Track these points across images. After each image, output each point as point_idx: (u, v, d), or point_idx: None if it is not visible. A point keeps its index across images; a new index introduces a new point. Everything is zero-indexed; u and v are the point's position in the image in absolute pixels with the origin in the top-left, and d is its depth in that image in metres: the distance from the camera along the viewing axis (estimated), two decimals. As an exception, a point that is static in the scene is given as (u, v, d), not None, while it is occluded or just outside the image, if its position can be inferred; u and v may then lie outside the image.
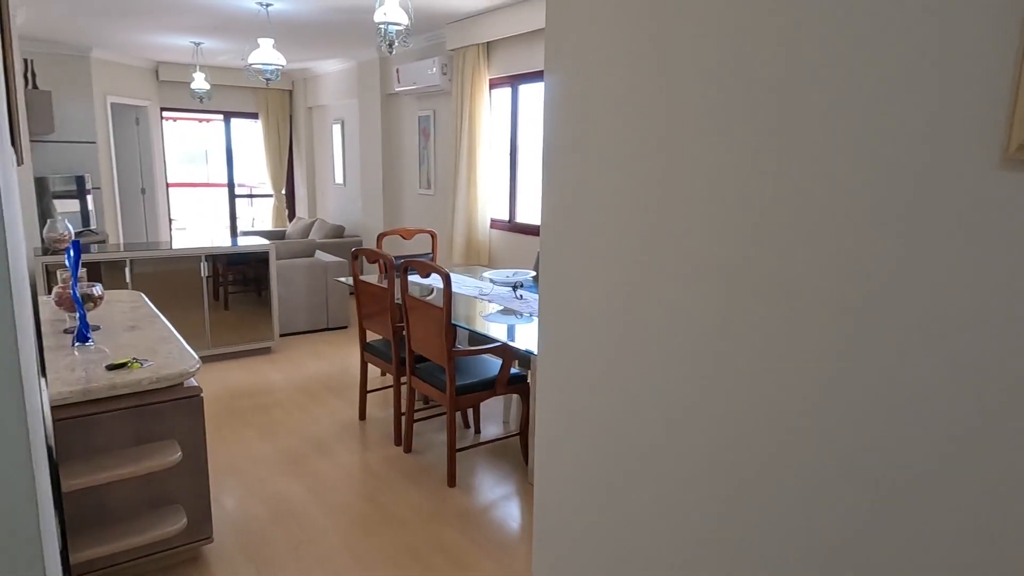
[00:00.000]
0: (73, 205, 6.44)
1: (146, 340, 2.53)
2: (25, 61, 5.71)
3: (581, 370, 1.39)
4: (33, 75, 5.78)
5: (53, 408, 2.05)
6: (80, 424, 2.11)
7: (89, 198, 6.51)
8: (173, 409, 2.27)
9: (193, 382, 2.32)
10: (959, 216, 0.72)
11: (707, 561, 1.07)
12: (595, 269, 1.32)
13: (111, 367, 2.19)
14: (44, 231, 3.59)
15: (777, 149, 0.91)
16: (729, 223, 1.00)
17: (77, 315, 2.46)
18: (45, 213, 6.03)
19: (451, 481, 3.02)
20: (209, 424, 3.69)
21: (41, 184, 5.97)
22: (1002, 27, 0.67)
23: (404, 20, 3.27)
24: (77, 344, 2.43)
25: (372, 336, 4.26)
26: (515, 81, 4.92)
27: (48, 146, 6.29)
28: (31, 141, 5.78)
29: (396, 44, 3.29)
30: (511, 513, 2.81)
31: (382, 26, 3.24)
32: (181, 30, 5.58)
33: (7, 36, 2.14)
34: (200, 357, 4.85)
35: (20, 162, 2.23)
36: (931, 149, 0.73)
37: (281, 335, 5.48)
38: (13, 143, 2.17)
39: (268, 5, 4.57)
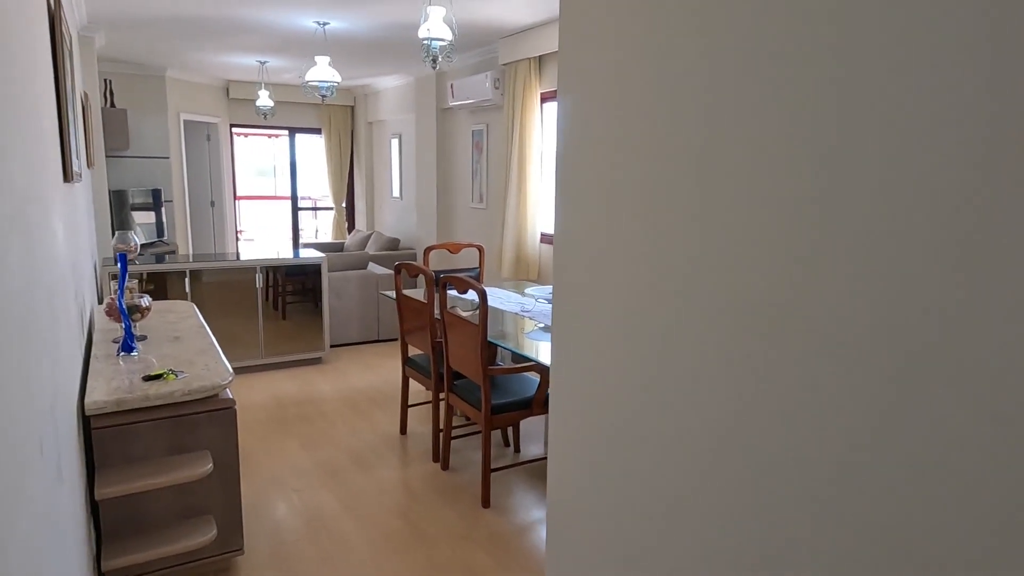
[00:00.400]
0: (149, 217, 6.78)
1: (187, 351, 2.59)
2: (104, 81, 6.05)
3: (593, 391, 1.31)
4: (111, 94, 6.13)
5: (93, 416, 2.11)
6: (118, 433, 2.17)
7: (163, 210, 6.83)
8: (206, 420, 2.30)
9: (228, 394, 2.36)
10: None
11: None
12: (607, 288, 1.24)
13: (147, 378, 2.24)
14: (113, 242, 3.77)
15: (827, 171, 0.82)
16: (764, 253, 0.91)
17: (123, 325, 2.54)
18: (124, 224, 6.36)
19: (485, 502, 2.96)
20: (254, 433, 3.76)
21: (120, 197, 6.31)
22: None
23: (448, 36, 3.27)
24: (122, 354, 2.51)
25: (414, 351, 4.27)
26: (566, 94, 4.86)
27: (125, 161, 6.64)
28: (107, 156, 6.12)
29: (440, 60, 3.29)
30: (544, 538, 2.72)
31: (426, 42, 3.25)
32: (248, 49, 5.80)
33: (61, 69, 2.25)
34: (253, 366, 5.00)
35: (69, 178, 2.32)
36: (1013, 178, 0.63)
37: (332, 346, 5.57)
38: (64, 163, 2.27)
39: (325, 24, 4.69)
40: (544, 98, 5.04)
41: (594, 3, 1.23)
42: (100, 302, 4.11)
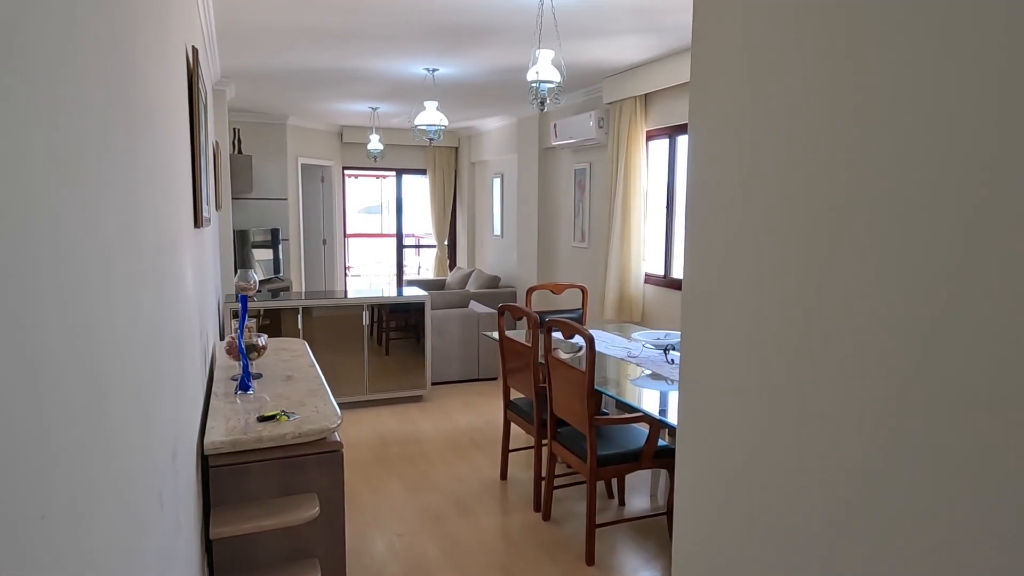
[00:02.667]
0: (267, 254, 7.19)
1: (298, 392, 2.64)
2: (233, 130, 6.53)
3: (729, 452, 1.17)
4: (239, 141, 6.60)
5: (212, 455, 2.17)
6: (233, 472, 2.22)
7: (280, 248, 7.23)
8: (315, 463, 2.31)
9: (335, 437, 2.36)
10: None
11: None
12: (746, 340, 1.11)
13: (261, 419, 2.28)
14: (236, 280, 3.98)
15: (995, 214, 0.68)
16: (922, 310, 0.77)
17: (241, 364, 2.62)
18: (245, 261, 6.78)
19: (589, 559, 2.81)
20: (358, 471, 3.80)
21: (242, 236, 6.74)
22: None
23: (556, 78, 3.25)
24: (239, 392, 2.59)
25: (516, 394, 4.20)
26: (673, 133, 4.73)
27: (248, 202, 7.10)
28: (233, 198, 6.56)
29: (548, 102, 3.27)
30: (654, 605, 2.53)
31: (534, 84, 3.25)
32: (361, 96, 6.09)
33: (196, 122, 2.39)
34: (358, 402, 5.10)
35: (199, 224, 2.45)
36: None
37: (433, 383, 5.60)
38: (195, 210, 2.39)
39: (434, 70, 4.83)
40: (650, 136, 4.93)
41: (729, 30, 1.14)
42: (222, 338, 4.34)
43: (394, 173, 9.18)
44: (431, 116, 4.88)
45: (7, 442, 0.44)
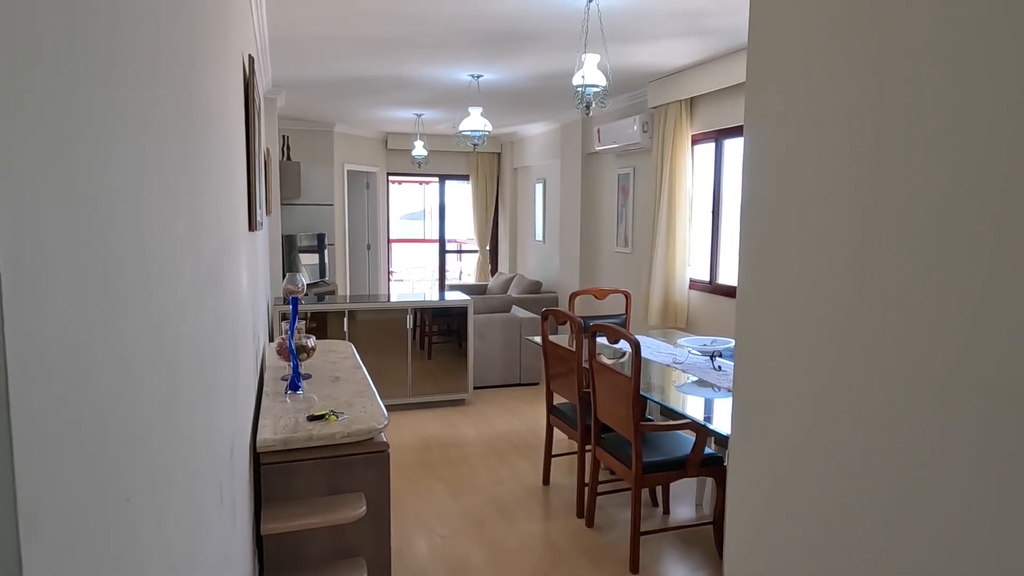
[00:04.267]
0: (313, 259, 7.35)
1: (345, 393, 2.69)
2: (283, 137, 6.70)
3: (785, 462, 1.15)
4: (288, 148, 6.76)
5: (263, 453, 2.23)
6: (283, 470, 2.27)
7: (326, 252, 7.38)
8: (362, 462, 2.35)
9: (382, 437, 2.40)
10: None
11: None
12: (797, 343, 1.09)
13: (311, 418, 2.33)
14: (284, 283, 4.09)
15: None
16: (993, 313, 0.75)
17: (291, 364, 2.68)
18: (292, 265, 6.94)
19: (634, 567, 2.77)
20: (402, 473, 3.84)
21: (290, 241, 6.90)
22: None
23: (602, 82, 3.24)
24: (289, 392, 2.65)
25: (559, 399, 4.19)
26: (719, 136, 4.67)
27: (296, 208, 7.27)
28: (282, 204, 6.72)
29: (593, 106, 3.27)
30: (700, 616, 2.49)
31: (580, 89, 3.25)
32: (406, 104, 6.18)
33: (252, 129, 2.47)
34: (401, 404, 5.16)
35: (253, 227, 2.52)
36: None
37: (475, 387, 5.63)
38: (249, 214, 2.47)
39: (479, 76, 4.88)
40: (695, 140, 4.87)
41: (788, 30, 1.12)
42: (271, 340, 4.45)
43: (437, 179, 9.27)
44: (475, 122, 4.92)
45: (101, 430, 0.46)
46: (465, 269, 10.32)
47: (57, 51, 0.40)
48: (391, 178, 8.92)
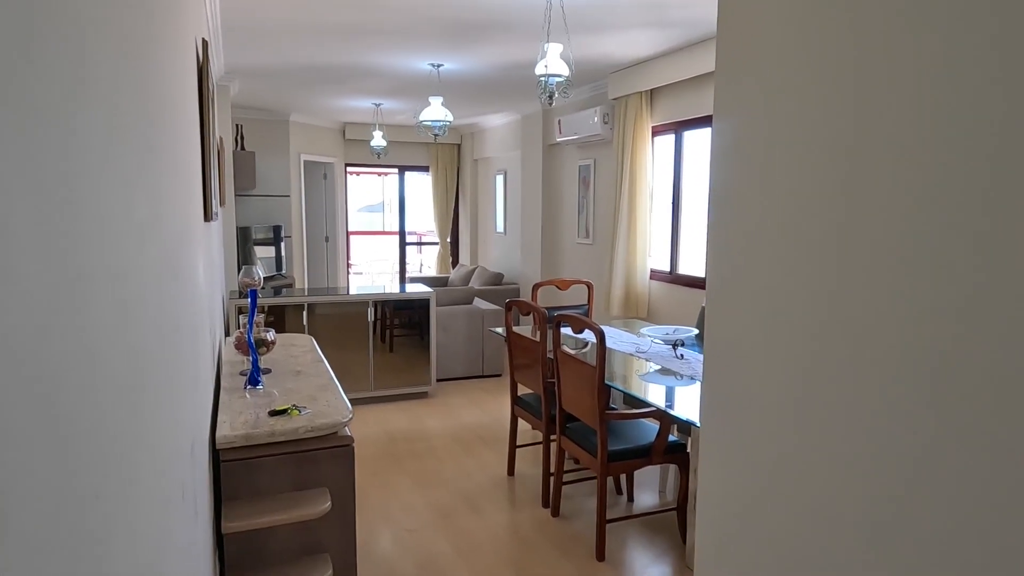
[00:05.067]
0: (270, 251, 7.18)
1: (308, 387, 2.63)
2: (236, 126, 6.51)
3: (754, 450, 1.17)
4: (242, 138, 6.58)
5: (223, 450, 2.17)
6: (245, 467, 2.21)
7: (282, 245, 7.22)
8: (326, 457, 2.31)
9: (346, 431, 2.36)
10: None
11: None
12: (771, 332, 1.10)
13: (273, 413, 2.28)
14: (240, 276, 3.98)
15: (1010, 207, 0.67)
16: (940, 291, 0.77)
17: (250, 359, 2.62)
18: (248, 259, 6.76)
19: (600, 555, 2.80)
20: (367, 467, 3.79)
21: (244, 233, 6.72)
22: None
23: (565, 72, 3.24)
24: (249, 387, 2.58)
25: (523, 390, 4.20)
26: (679, 128, 4.72)
27: (251, 199, 7.09)
28: (236, 195, 6.54)
29: (556, 96, 3.27)
30: (665, 600, 2.53)
31: (543, 79, 3.24)
32: (365, 93, 6.07)
33: (206, 116, 2.38)
34: (363, 398, 5.10)
35: (208, 217, 2.44)
36: None
37: (438, 380, 5.60)
38: (205, 203, 2.39)
39: (439, 66, 4.82)
40: (656, 131, 4.92)
41: (759, 11, 1.13)
42: (227, 335, 4.33)
43: (396, 170, 9.16)
44: (436, 112, 4.87)
45: (70, 422, 0.43)
46: (426, 261, 10.24)
47: (13, 30, 0.37)
48: (349, 169, 8.78)
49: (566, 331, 3.90)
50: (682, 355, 3.35)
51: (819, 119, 1.00)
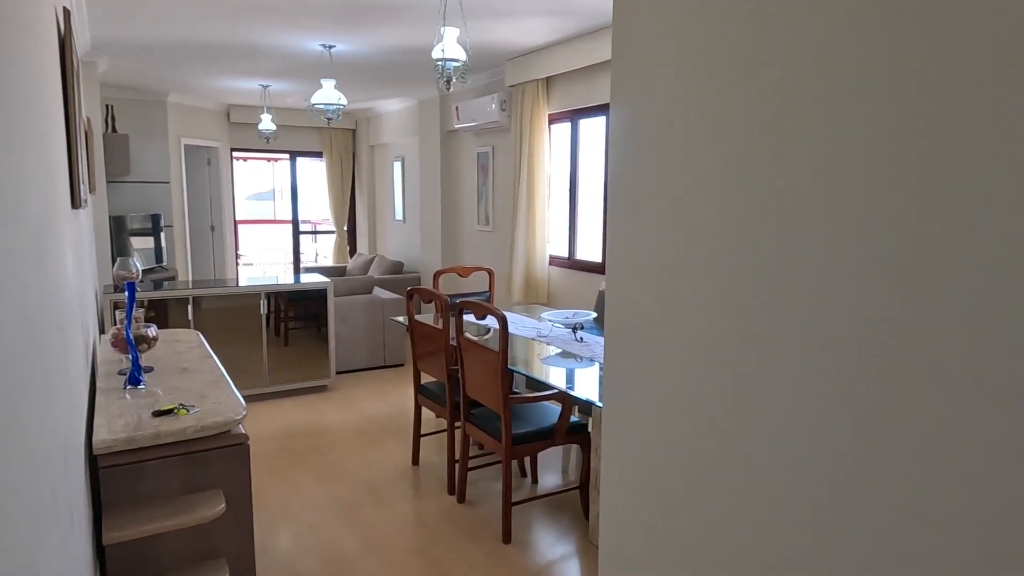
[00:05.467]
0: (147, 242, 6.68)
1: (197, 383, 2.48)
2: (106, 107, 5.99)
3: (653, 427, 1.21)
4: (113, 119, 6.07)
5: (101, 455, 2.00)
6: (128, 472, 2.05)
7: (162, 235, 6.74)
8: (219, 457, 2.18)
9: (240, 429, 2.24)
10: None
11: None
12: (668, 313, 1.14)
13: (157, 413, 2.13)
14: (114, 268, 3.66)
15: (886, 187, 0.73)
16: (860, 282, 0.82)
17: (130, 357, 2.43)
18: (123, 250, 6.26)
19: (506, 538, 2.84)
20: (265, 465, 3.63)
21: (119, 223, 6.21)
22: None
23: (462, 56, 3.21)
24: (129, 387, 2.39)
25: (427, 378, 4.16)
26: (575, 116, 4.82)
27: (125, 186, 6.56)
28: (108, 182, 6.03)
29: (454, 80, 3.23)
30: (570, 574, 2.59)
31: (440, 63, 3.19)
32: (251, 74, 5.75)
33: (71, 94, 2.17)
34: (259, 395, 4.87)
35: (76, 204, 2.23)
36: None
37: (338, 372, 5.45)
38: (72, 188, 2.18)
39: (331, 47, 4.65)
40: (552, 119, 4.99)
41: (655, 8, 1.16)
42: (102, 331, 4.00)
43: (288, 156, 8.78)
44: (328, 95, 4.70)
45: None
46: (322, 251, 9.91)
47: None
48: (236, 154, 8.31)
49: (468, 318, 3.90)
50: (582, 338, 3.44)
51: (710, 104, 1.04)
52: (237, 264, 8.46)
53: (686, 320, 1.12)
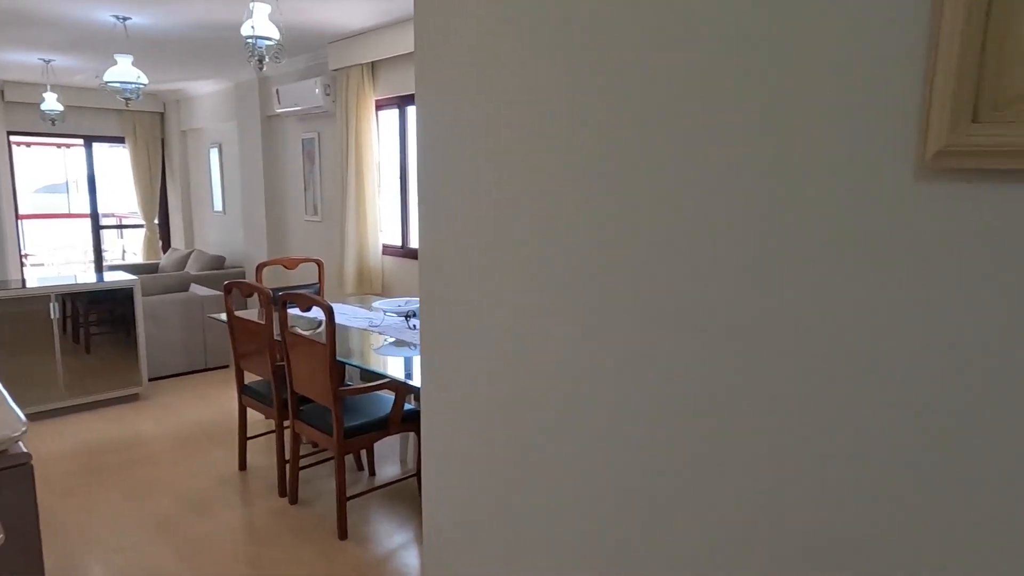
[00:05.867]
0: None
1: (-38, 401, 2.13)
2: None
3: (469, 410, 1.24)
4: None
5: None
6: None
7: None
8: (-6, 483, 1.90)
9: (20, 447, 1.97)
10: (872, 238, 0.63)
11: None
12: (479, 297, 1.17)
13: (-93, 439, 1.80)
14: None
15: (657, 166, 0.80)
16: (602, 246, 0.89)
17: None
18: None
19: (342, 533, 2.76)
20: (60, 489, 3.22)
21: None
22: (909, 13, 0.59)
23: (275, 35, 3.04)
24: None
25: (251, 377, 3.92)
26: (403, 102, 4.76)
27: None
28: None
29: (267, 60, 3.05)
30: (409, 563, 2.59)
31: (251, 40, 3.00)
32: (27, 46, 5.02)
33: None
34: (54, 409, 4.31)
35: None
36: (834, 161, 0.64)
37: (153, 379, 4.97)
38: None
39: (125, 19, 4.18)
40: (379, 105, 4.89)
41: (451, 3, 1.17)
42: None
43: (82, 141, 7.80)
44: (125, 72, 4.23)
45: None
46: (129, 247, 8.95)
47: None
48: (14, 139, 7.23)
49: (294, 311, 3.73)
50: (414, 325, 3.43)
51: (509, 92, 1.07)
52: (23, 265, 7.39)
53: (497, 303, 1.16)
